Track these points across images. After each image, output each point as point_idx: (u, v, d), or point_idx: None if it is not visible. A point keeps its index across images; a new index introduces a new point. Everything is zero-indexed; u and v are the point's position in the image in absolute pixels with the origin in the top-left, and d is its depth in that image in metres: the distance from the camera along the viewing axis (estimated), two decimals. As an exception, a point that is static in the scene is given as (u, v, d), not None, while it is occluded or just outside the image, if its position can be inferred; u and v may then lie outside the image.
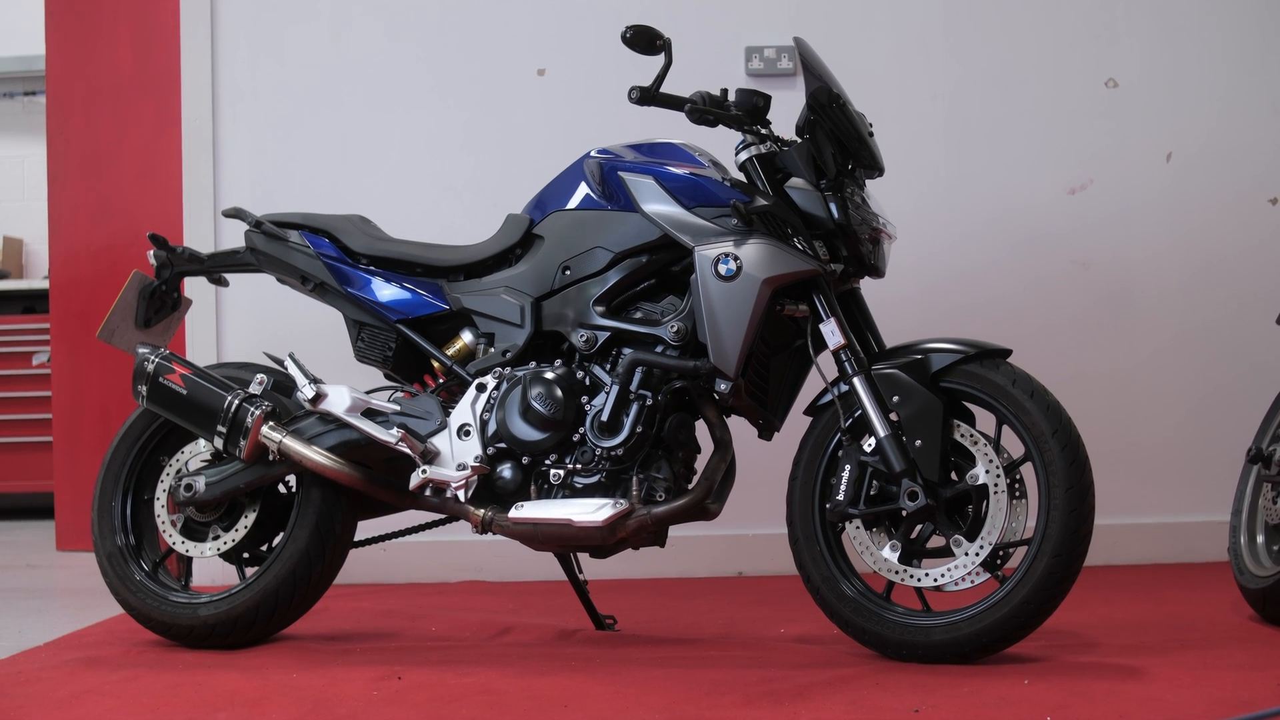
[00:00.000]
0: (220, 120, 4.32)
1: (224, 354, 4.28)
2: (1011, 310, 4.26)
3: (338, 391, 3.17)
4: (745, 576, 4.23)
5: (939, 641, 2.84)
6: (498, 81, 4.33)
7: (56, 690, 2.81)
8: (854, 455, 2.94)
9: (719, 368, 2.94)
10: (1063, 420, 2.85)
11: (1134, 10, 4.33)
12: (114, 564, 3.29)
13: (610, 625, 3.40)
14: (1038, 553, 2.80)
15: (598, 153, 3.17)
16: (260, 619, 3.18)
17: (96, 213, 5.17)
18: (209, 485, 3.20)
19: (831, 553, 3.00)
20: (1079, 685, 2.64)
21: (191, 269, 3.45)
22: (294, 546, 3.17)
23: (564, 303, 3.13)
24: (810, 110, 3.01)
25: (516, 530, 3.03)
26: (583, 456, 3.04)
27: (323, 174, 4.30)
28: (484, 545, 4.05)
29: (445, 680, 2.82)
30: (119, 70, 5.11)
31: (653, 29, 3.02)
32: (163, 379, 3.22)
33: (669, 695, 2.65)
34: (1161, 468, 4.28)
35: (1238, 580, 3.35)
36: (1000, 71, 4.33)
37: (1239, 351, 4.28)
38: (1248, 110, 4.33)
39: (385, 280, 3.27)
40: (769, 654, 3.04)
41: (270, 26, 4.33)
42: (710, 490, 3.02)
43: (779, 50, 4.26)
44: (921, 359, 2.93)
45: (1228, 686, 2.61)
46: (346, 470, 3.12)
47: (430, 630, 3.43)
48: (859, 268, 3.06)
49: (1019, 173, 4.32)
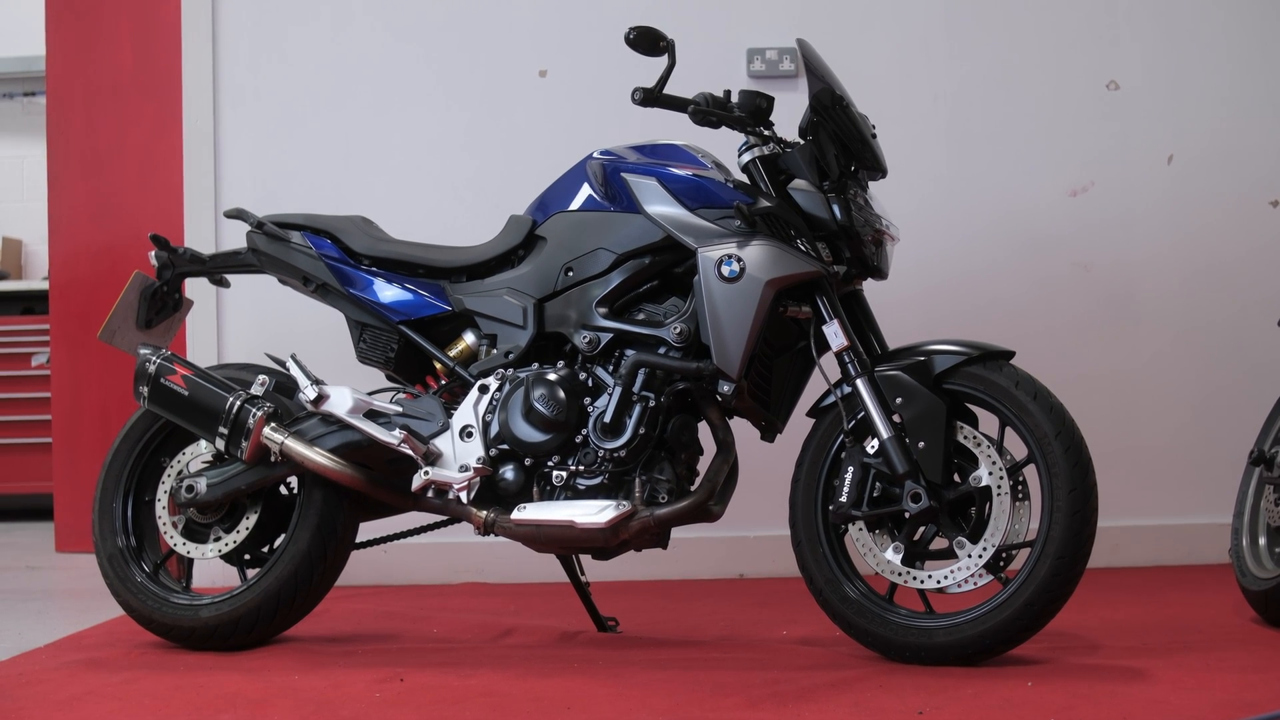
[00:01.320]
0: (221, 120, 4.32)
1: (224, 355, 4.27)
2: (1013, 312, 4.25)
3: (340, 393, 3.16)
4: (746, 578, 4.23)
5: (942, 643, 2.84)
6: (500, 82, 4.32)
7: (58, 692, 2.81)
8: (857, 457, 2.94)
9: (722, 369, 2.93)
10: (1066, 422, 2.85)
11: (1136, 12, 4.33)
12: (115, 565, 3.28)
13: (612, 627, 3.40)
14: (1041, 554, 2.80)
15: (600, 154, 3.17)
16: (262, 621, 3.18)
17: (96, 213, 5.17)
18: (210, 486, 3.20)
19: (834, 554, 3.00)
20: (1083, 687, 2.64)
21: (193, 270, 3.44)
22: (296, 548, 3.17)
23: (566, 304, 3.12)
24: (813, 112, 3.01)
25: (519, 532, 3.03)
26: (585, 458, 3.03)
27: (324, 175, 4.30)
28: (485, 547, 4.04)
29: (448, 682, 2.82)
30: (119, 70, 5.10)
31: (656, 30, 3.02)
32: (164, 380, 3.21)
33: (672, 697, 2.65)
34: (1163, 470, 4.28)
35: (1240, 582, 3.35)
36: (1002, 73, 4.32)
37: (1240, 354, 4.27)
38: (1249, 113, 4.32)
39: (387, 281, 3.27)
40: (772, 656, 3.03)
41: (272, 27, 4.33)
42: (713, 492, 3.01)
43: (780, 52, 4.26)
44: (924, 361, 2.92)
45: (1231, 689, 2.61)
46: (348, 471, 3.12)
47: (432, 632, 3.42)
48: (862, 269, 3.05)
49: (1020, 174, 4.32)
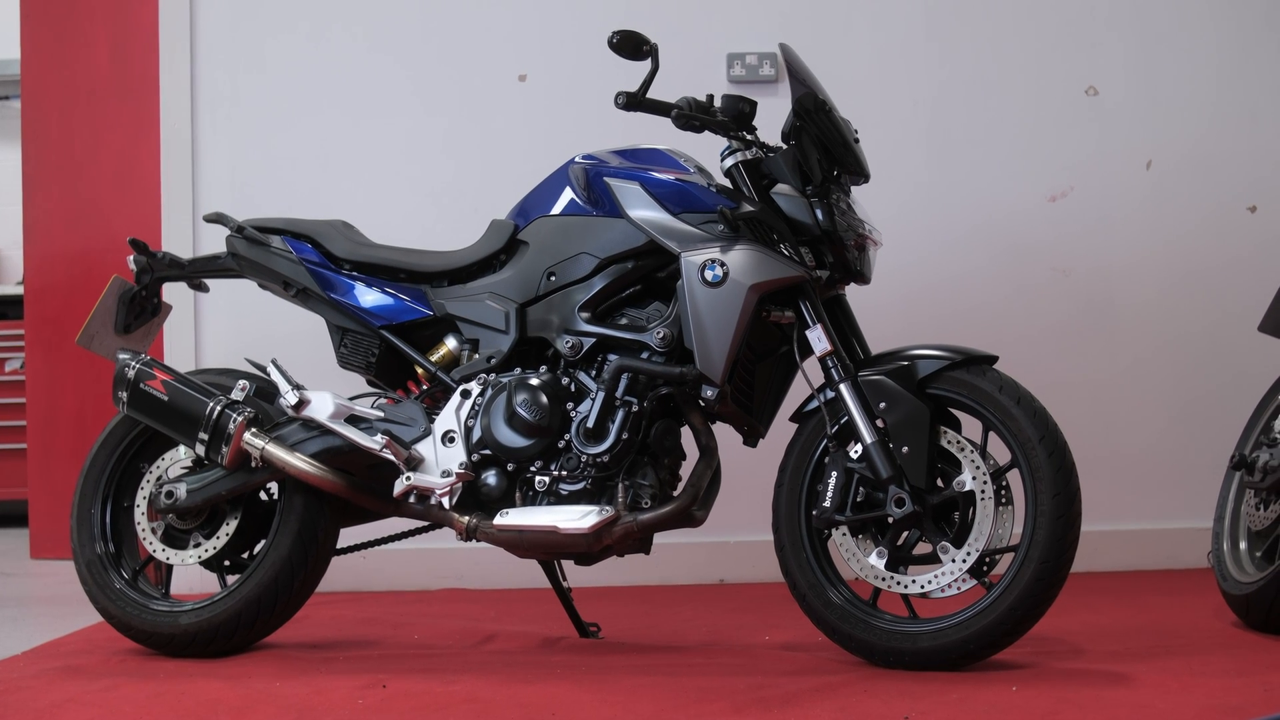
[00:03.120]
0: (199, 125, 4.29)
1: (202, 360, 4.24)
2: (992, 317, 4.26)
3: (321, 398, 3.14)
4: (727, 584, 4.22)
5: (926, 648, 2.84)
6: (478, 87, 4.31)
7: (37, 699, 2.78)
8: (840, 462, 2.93)
9: (705, 374, 2.92)
10: (1049, 426, 2.85)
11: (1115, 18, 4.34)
12: (93, 572, 3.26)
13: (594, 633, 3.39)
14: (1025, 559, 2.80)
15: (583, 158, 3.16)
16: (242, 627, 3.16)
17: (72, 218, 5.12)
18: (190, 492, 3.17)
19: (818, 559, 2.99)
20: (1067, 692, 2.64)
21: (172, 274, 3.42)
22: (276, 554, 3.15)
23: (549, 309, 3.11)
24: (796, 116, 3.01)
25: (501, 537, 3.01)
26: (568, 463, 3.02)
27: (303, 179, 4.27)
28: (464, 553, 4.02)
29: (431, 689, 2.80)
30: (95, 74, 5.06)
31: (639, 34, 3.01)
32: (144, 385, 3.18)
33: (657, 703, 2.64)
34: (1143, 474, 4.29)
35: (1221, 586, 3.36)
36: (982, 78, 4.33)
37: (1219, 358, 4.29)
38: (1228, 118, 4.34)
39: (368, 286, 3.25)
40: (755, 661, 3.03)
41: (250, 30, 4.30)
42: (696, 497, 3.00)
43: (761, 57, 4.26)
44: (908, 365, 2.92)
45: (1216, 693, 2.61)
46: (330, 477, 3.10)
47: (413, 638, 3.40)
48: (845, 274, 3.05)
49: (1000, 180, 4.33)
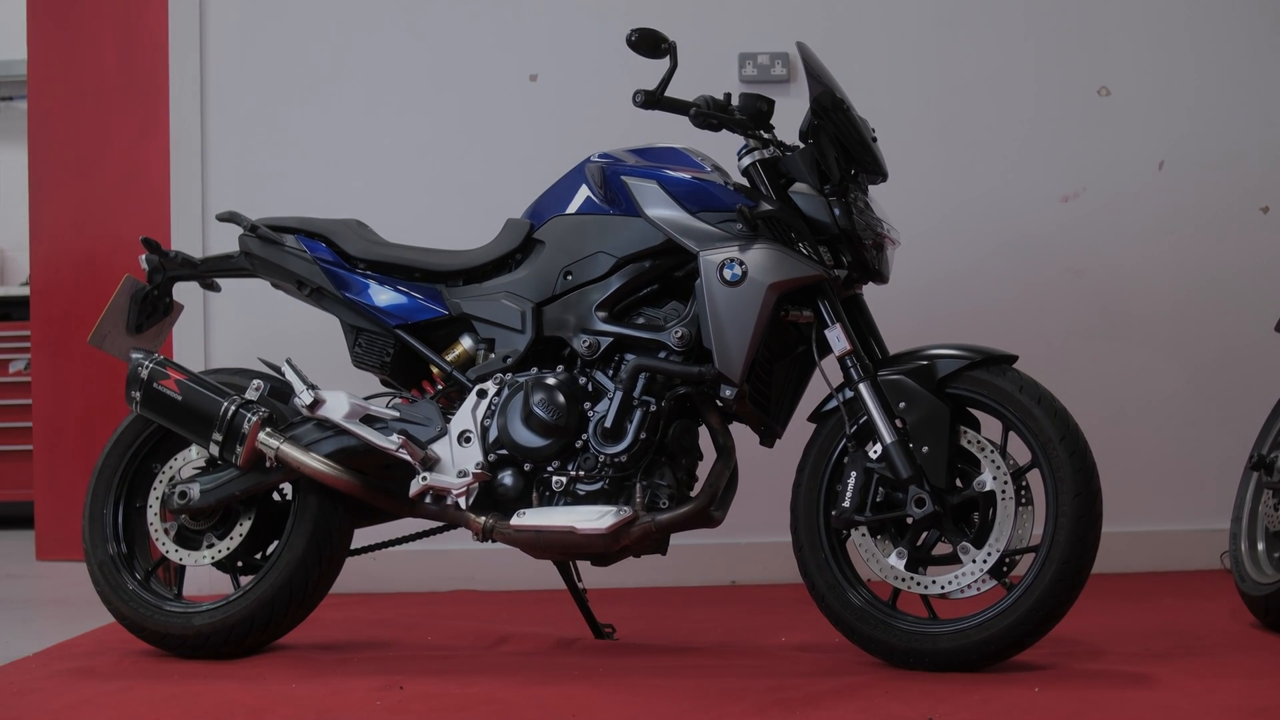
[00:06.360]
0: (209, 124, 4.28)
1: (212, 360, 4.22)
2: (1004, 318, 4.24)
3: (336, 397, 3.13)
4: (739, 585, 4.20)
5: (946, 649, 2.82)
6: (490, 86, 4.29)
7: (53, 701, 2.76)
8: (860, 462, 2.92)
9: (724, 374, 2.91)
10: (1070, 426, 2.84)
11: (1126, 19, 4.33)
12: (106, 573, 3.24)
13: (609, 634, 3.37)
14: (1046, 559, 2.79)
15: (599, 157, 3.15)
16: (256, 628, 3.14)
17: (79, 218, 5.10)
18: (204, 492, 3.15)
19: (836, 560, 2.98)
20: (1091, 693, 2.63)
21: (184, 274, 3.40)
22: (291, 554, 3.13)
23: (565, 308, 3.10)
24: (814, 115, 3.00)
25: (518, 538, 3.00)
26: (585, 463, 3.01)
27: (313, 178, 4.26)
28: (475, 554, 4.00)
29: (448, 690, 2.78)
30: (102, 74, 5.04)
31: (658, 32, 2.99)
32: (157, 385, 3.16)
33: (677, 704, 2.62)
34: (1157, 475, 4.26)
35: (1239, 587, 3.35)
36: (993, 79, 4.32)
37: (1234, 358, 4.27)
38: (1239, 118, 4.33)
39: (383, 285, 3.23)
40: (773, 662, 3.01)
41: (259, 31, 4.29)
42: (714, 497, 2.99)
43: (773, 57, 4.24)
44: (927, 365, 2.91)
45: (1239, 694, 2.60)
46: (345, 477, 3.08)
47: (427, 639, 3.39)
48: (863, 273, 3.04)
49: (1011, 180, 4.31)
